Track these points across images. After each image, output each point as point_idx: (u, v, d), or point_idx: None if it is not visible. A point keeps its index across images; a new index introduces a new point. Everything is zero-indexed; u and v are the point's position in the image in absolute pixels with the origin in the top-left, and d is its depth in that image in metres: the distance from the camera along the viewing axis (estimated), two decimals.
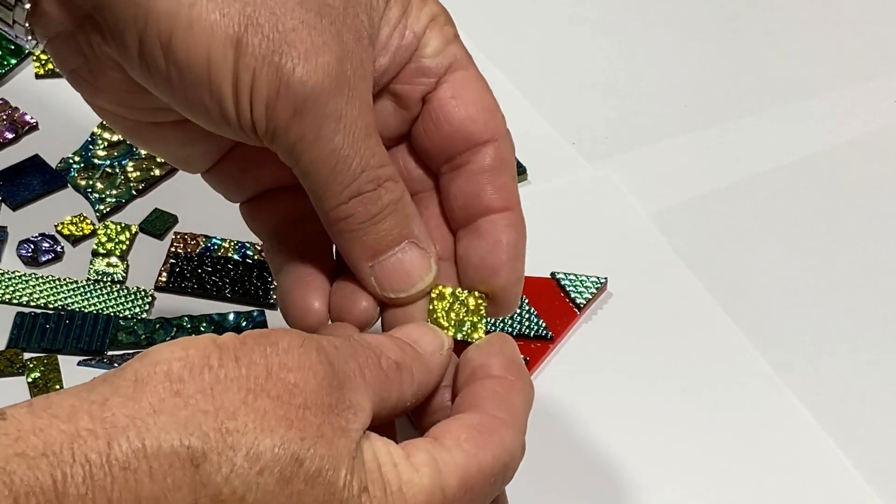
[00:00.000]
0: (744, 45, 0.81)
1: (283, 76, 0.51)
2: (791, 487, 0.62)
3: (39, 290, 0.67)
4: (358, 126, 0.52)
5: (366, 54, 0.53)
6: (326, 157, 0.52)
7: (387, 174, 0.53)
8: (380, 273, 0.54)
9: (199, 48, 0.50)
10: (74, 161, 0.72)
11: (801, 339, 0.67)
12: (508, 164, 0.55)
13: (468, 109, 0.55)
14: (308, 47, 0.51)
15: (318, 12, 0.51)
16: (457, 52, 0.55)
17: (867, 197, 0.73)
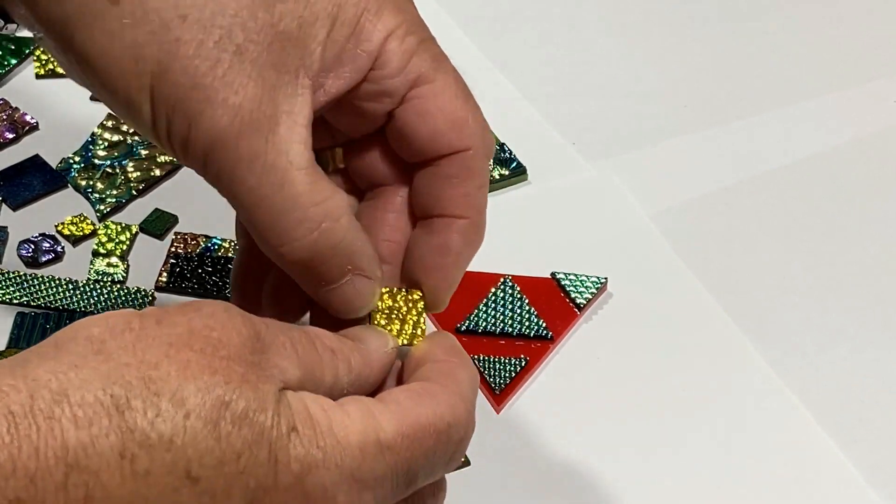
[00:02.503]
0: (744, 45, 0.81)
1: (193, 121, 0.51)
2: (791, 487, 0.62)
3: (39, 290, 0.67)
4: (279, 163, 0.51)
5: (292, 88, 0.52)
6: (244, 201, 0.52)
7: (323, 213, 0.52)
8: (324, 299, 0.54)
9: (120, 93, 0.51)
10: (74, 161, 0.72)
11: (801, 339, 0.67)
12: (476, 172, 0.55)
13: (434, 125, 0.54)
14: (217, 90, 0.51)
15: (236, 51, 0.51)
16: (421, 66, 0.53)
17: (867, 197, 0.73)
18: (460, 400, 0.51)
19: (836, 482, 0.62)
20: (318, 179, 0.52)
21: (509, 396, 0.64)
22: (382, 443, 0.49)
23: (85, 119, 0.74)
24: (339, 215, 0.52)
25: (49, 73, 0.76)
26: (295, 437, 0.47)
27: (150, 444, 0.45)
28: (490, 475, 0.62)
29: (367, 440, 0.48)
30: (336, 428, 0.48)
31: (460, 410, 0.51)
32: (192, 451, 0.45)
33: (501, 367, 0.65)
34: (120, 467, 0.45)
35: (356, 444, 0.48)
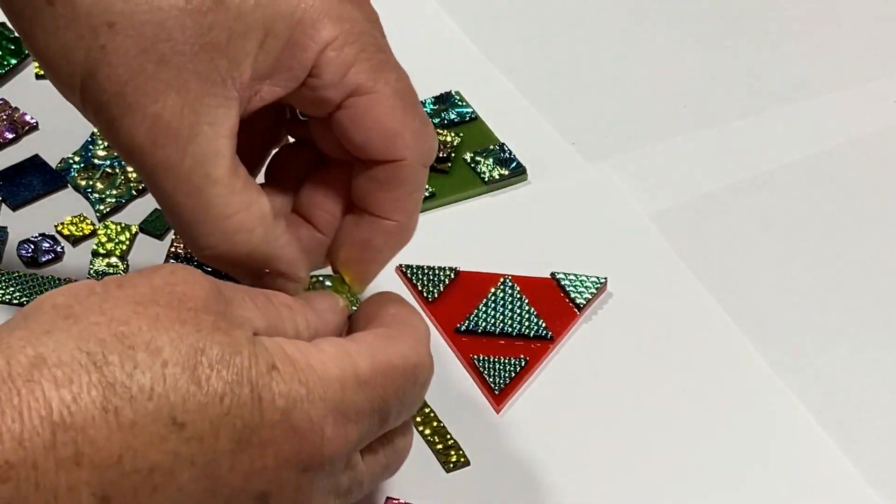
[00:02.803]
0: (744, 45, 0.81)
1: (113, 126, 0.53)
2: (791, 487, 0.62)
3: (39, 291, 0.67)
4: (195, 175, 0.53)
5: (217, 99, 0.52)
6: (164, 204, 0.54)
7: (235, 226, 0.53)
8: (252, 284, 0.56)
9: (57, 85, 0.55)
10: (74, 161, 0.72)
11: (801, 339, 0.67)
12: (407, 181, 0.56)
13: (367, 135, 0.55)
14: (138, 98, 0.52)
15: (160, 60, 0.52)
16: (359, 77, 0.54)
17: (867, 197, 0.73)
18: (421, 344, 0.53)
19: (836, 482, 0.62)
20: (234, 191, 0.53)
21: (509, 396, 0.64)
22: (360, 378, 0.50)
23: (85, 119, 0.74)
24: (252, 227, 0.54)
25: None
26: (276, 375, 0.48)
27: (132, 395, 0.46)
28: (490, 475, 0.62)
29: (345, 375, 0.50)
30: (315, 364, 0.49)
31: (423, 353, 0.53)
32: (175, 398, 0.46)
33: (501, 367, 0.65)
34: (105, 421, 0.45)
35: (336, 378, 0.50)
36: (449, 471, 0.62)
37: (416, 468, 0.62)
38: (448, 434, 0.63)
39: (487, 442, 0.63)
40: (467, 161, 0.73)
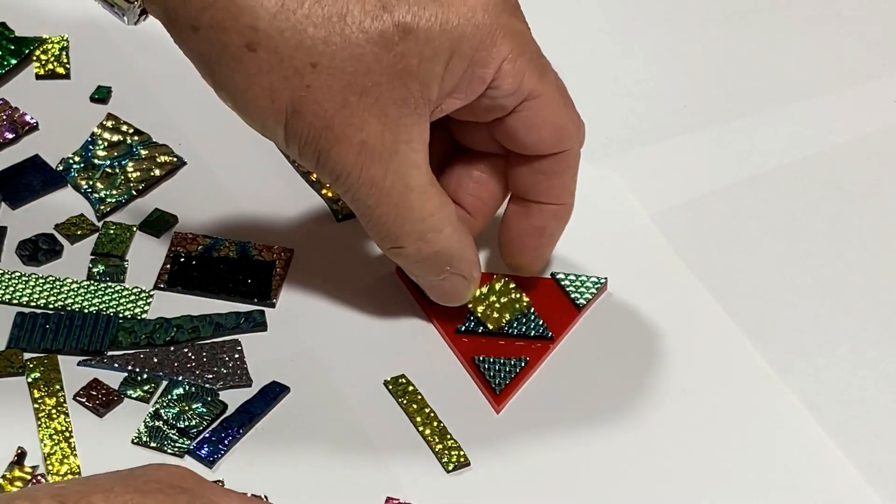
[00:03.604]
0: (744, 45, 0.81)
1: (321, 156, 0.59)
2: (791, 487, 0.62)
3: (39, 290, 0.67)
4: (395, 188, 0.59)
5: (411, 118, 0.58)
6: (364, 213, 0.61)
7: (428, 227, 0.61)
8: (425, 287, 0.65)
9: (257, 122, 0.59)
10: (74, 161, 0.72)
11: (801, 339, 0.67)
12: (571, 167, 0.63)
13: (539, 134, 0.61)
14: (345, 129, 0.58)
15: (362, 93, 0.57)
16: (530, 83, 0.60)
17: (867, 197, 0.73)
18: None
19: (836, 482, 0.62)
20: (429, 197, 0.60)
21: (509, 396, 0.64)
22: None
23: (85, 119, 0.74)
24: (442, 227, 0.61)
25: (49, 73, 0.76)
26: None
27: None
28: (490, 475, 0.62)
29: None
30: None
31: None
32: None
33: (501, 367, 0.65)
34: None
35: None
36: (449, 471, 0.62)
37: (416, 468, 0.62)
38: (448, 434, 0.63)
39: (487, 442, 0.63)
40: None
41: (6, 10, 0.78)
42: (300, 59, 0.57)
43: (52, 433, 0.62)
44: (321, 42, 0.57)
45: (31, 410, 0.63)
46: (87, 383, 0.64)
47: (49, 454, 0.61)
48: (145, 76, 0.76)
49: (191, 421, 0.63)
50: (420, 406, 0.64)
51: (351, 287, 0.68)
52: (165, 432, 0.62)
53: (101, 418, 0.63)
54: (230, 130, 0.74)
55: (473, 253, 0.63)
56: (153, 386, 0.64)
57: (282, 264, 0.69)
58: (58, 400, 0.63)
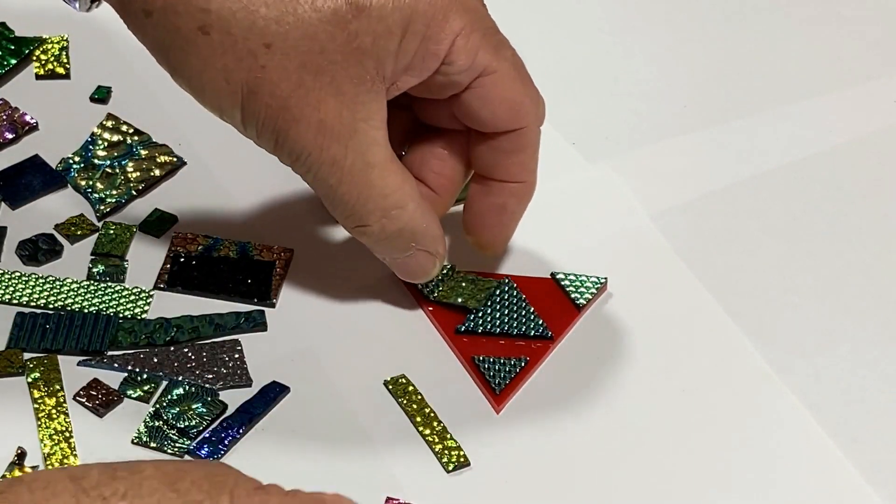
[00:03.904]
0: (744, 45, 0.81)
1: (279, 137, 0.59)
2: (791, 487, 0.62)
3: (39, 290, 0.67)
4: (356, 166, 0.59)
5: (368, 96, 0.58)
6: (326, 193, 0.60)
7: (392, 203, 0.60)
8: (392, 265, 0.65)
9: (212, 105, 0.59)
10: (74, 161, 0.72)
11: (801, 339, 0.67)
12: (530, 145, 0.63)
13: (494, 110, 0.61)
14: (302, 109, 0.58)
15: (317, 72, 0.57)
16: (485, 59, 0.60)
17: (867, 197, 0.73)
18: None
19: (836, 482, 0.62)
20: (390, 173, 0.60)
21: (509, 396, 0.64)
22: None
23: (85, 119, 0.74)
24: (405, 203, 0.61)
25: (49, 73, 0.76)
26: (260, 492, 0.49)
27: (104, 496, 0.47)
28: (490, 475, 0.62)
29: None
30: None
31: None
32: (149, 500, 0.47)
33: (501, 367, 0.65)
34: None
35: None
36: (449, 471, 0.62)
37: (416, 468, 0.62)
38: (448, 434, 0.63)
39: (487, 442, 0.63)
40: None
41: (6, 10, 0.78)
42: (253, 41, 0.57)
43: (52, 433, 0.62)
44: (274, 22, 0.57)
45: (31, 410, 0.63)
46: (87, 383, 0.64)
47: (49, 454, 0.61)
48: (145, 76, 0.76)
49: (191, 421, 0.63)
50: (420, 406, 0.64)
51: (351, 287, 0.68)
52: (165, 432, 0.62)
53: (101, 418, 0.63)
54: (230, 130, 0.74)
55: (438, 228, 0.63)
56: (153, 386, 0.64)
57: (282, 264, 0.69)
58: (58, 400, 0.63)
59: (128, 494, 0.47)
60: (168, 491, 0.47)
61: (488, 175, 0.64)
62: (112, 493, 0.47)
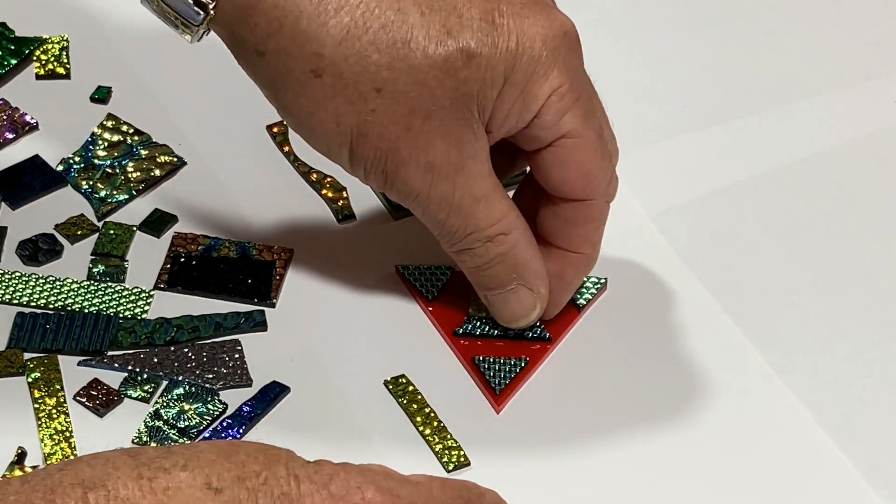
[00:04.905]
0: (744, 45, 0.81)
1: (388, 178, 0.60)
2: (791, 487, 0.62)
3: (39, 290, 0.67)
4: (464, 201, 0.60)
5: (473, 136, 0.60)
6: (435, 226, 0.62)
7: (497, 230, 0.62)
8: (491, 303, 0.65)
9: (321, 145, 0.60)
10: (74, 161, 0.72)
11: (801, 339, 0.67)
12: (595, 218, 0.64)
13: (566, 174, 0.62)
14: (411, 151, 0.59)
15: (426, 116, 0.58)
16: (572, 122, 0.60)
17: (867, 197, 0.73)
18: None
19: (836, 482, 0.62)
20: (496, 202, 0.61)
21: (509, 396, 0.64)
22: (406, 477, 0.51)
23: (85, 119, 0.74)
24: (510, 230, 0.62)
25: (49, 73, 0.76)
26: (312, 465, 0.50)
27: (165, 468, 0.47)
28: (490, 475, 0.62)
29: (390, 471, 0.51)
30: None
31: None
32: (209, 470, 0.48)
33: (501, 368, 0.65)
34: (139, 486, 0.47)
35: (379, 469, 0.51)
36: (449, 471, 0.62)
37: (416, 468, 0.62)
38: (448, 434, 0.63)
39: (487, 442, 0.63)
40: None
41: (6, 10, 0.78)
42: (365, 85, 0.58)
43: (52, 433, 0.62)
44: (385, 68, 0.58)
45: (31, 410, 0.63)
46: (87, 383, 0.64)
47: (49, 454, 0.61)
48: (145, 76, 0.76)
49: (191, 421, 0.63)
50: (420, 406, 0.64)
51: (351, 287, 0.68)
52: (166, 432, 0.62)
53: (101, 418, 0.63)
54: (230, 130, 0.74)
55: (541, 266, 0.63)
56: (153, 386, 0.64)
57: (282, 264, 0.69)
58: (58, 400, 0.63)
59: (188, 465, 0.47)
60: (226, 462, 0.48)
61: (550, 241, 0.64)
62: (172, 465, 0.47)
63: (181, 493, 0.46)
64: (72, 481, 0.46)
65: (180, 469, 0.47)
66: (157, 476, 0.46)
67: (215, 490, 0.47)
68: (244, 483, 0.47)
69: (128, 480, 0.46)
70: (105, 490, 0.46)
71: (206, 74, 0.76)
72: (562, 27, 0.61)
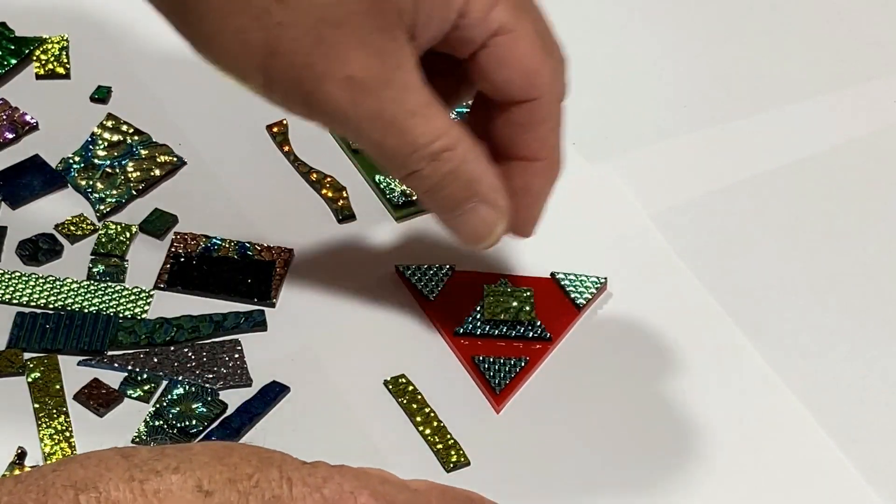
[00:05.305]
0: (744, 45, 0.81)
1: (309, 98, 0.55)
2: (791, 487, 0.62)
3: (39, 290, 0.67)
4: (397, 115, 0.56)
5: (395, 44, 0.55)
6: (373, 150, 0.57)
7: (440, 146, 0.57)
8: (453, 227, 0.60)
9: (233, 72, 0.56)
10: (74, 161, 0.72)
11: (801, 339, 0.67)
12: (546, 118, 0.59)
13: (507, 74, 0.57)
14: (326, 64, 0.54)
15: (337, 24, 0.54)
16: (501, 16, 0.56)
17: (867, 197, 0.73)
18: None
19: (836, 482, 0.62)
20: (433, 116, 0.57)
21: (509, 396, 0.64)
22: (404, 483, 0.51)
23: (85, 119, 0.74)
24: (455, 145, 0.57)
25: (49, 73, 0.76)
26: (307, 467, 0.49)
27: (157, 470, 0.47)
28: (490, 475, 0.62)
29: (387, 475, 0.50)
30: None
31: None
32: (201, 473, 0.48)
33: (501, 367, 0.65)
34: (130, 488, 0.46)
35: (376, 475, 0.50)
36: (449, 471, 0.62)
37: (416, 468, 0.62)
38: (448, 434, 0.63)
39: (487, 442, 0.63)
40: None
41: (6, 10, 0.78)
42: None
43: (52, 433, 0.62)
44: None
45: (31, 410, 0.63)
46: (87, 383, 0.64)
47: (49, 454, 0.61)
48: (145, 76, 0.76)
49: (191, 421, 0.63)
50: (420, 406, 0.64)
51: (351, 287, 0.68)
52: (166, 432, 0.62)
53: (101, 418, 0.63)
54: (230, 130, 0.74)
55: (496, 178, 0.59)
56: (153, 386, 0.64)
57: (282, 264, 0.69)
58: (58, 400, 0.63)
59: (180, 468, 0.47)
60: (218, 465, 0.47)
61: (507, 153, 0.60)
62: (164, 468, 0.47)
63: (172, 495, 0.46)
64: (64, 482, 0.46)
65: (172, 472, 0.47)
66: (149, 478, 0.46)
67: (206, 493, 0.47)
68: (235, 485, 0.47)
69: (119, 482, 0.46)
70: (97, 492, 0.46)
71: (205, 74, 0.76)
72: None
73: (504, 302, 0.66)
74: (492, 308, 0.66)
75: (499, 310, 0.66)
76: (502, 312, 0.66)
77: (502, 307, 0.66)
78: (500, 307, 0.66)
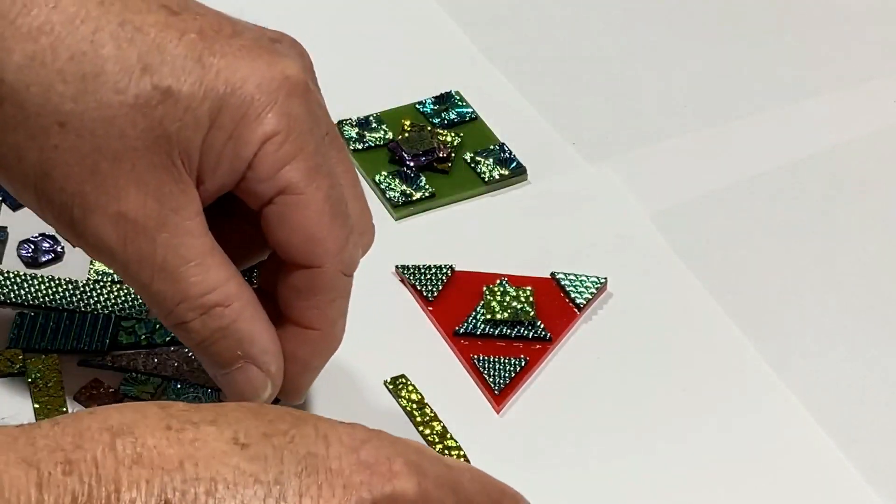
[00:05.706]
0: (744, 45, 0.81)
1: (77, 227, 0.53)
2: (791, 487, 0.62)
3: (39, 290, 0.67)
4: (169, 260, 0.53)
5: (177, 186, 0.53)
6: (139, 289, 0.55)
7: (213, 300, 0.54)
8: (220, 383, 0.57)
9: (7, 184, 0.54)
10: None
11: (801, 339, 0.67)
12: (328, 290, 0.56)
13: (289, 236, 0.55)
14: (98, 197, 0.53)
15: (114, 158, 0.52)
16: (290, 177, 0.54)
17: (867, 197, 0.73)
18: None
19: (836, 482, 0.62)
20: (211, 267, 0.54)
21: (509, 396, 0.64)
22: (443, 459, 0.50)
23: None
24: (229, 300, 0.54)
25: None
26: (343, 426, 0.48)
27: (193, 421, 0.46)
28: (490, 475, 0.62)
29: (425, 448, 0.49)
30: None
31: None
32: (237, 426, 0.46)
33: (501, 368, 0.65)
34: (166, 437, 0.46)
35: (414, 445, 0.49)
36: None
37: None
38: (448, 434, 0.63)
39: (487, 442, 0.63)
40: (467, 161, 0.73)
41: None
42: (47, 118, 0.52)
43: None
44: (70, 100, 0.52)
45: (31, 410, 0.63)
46: (87, 383, 0.64)
47: None
48: None
49: None
50: (420, 406, 0.64)
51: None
52: None
53: None
54: None
55: (272, 343, 0.56)
56: (153, 386, 0.64)
57: None
58: (58, 400, 0.63)
59: (216, 420, 0.46)
60: (254, 419, 0.47)
61: (286, 315, 0.57)
62: (201, 419, 0.46)
63: (207, 445, 0.46)
64: (100, 426, 0.45)
65: (208, 423, 0.46)
66: (185, 428, 0.46)
67: (242, 445, 0.46)
68: (270, 440, 0.46)
69: (156, 430, 0.46)
70: (133, 437, 0.45)
71: None
72: (283, 71, 0.53)
73: (504, 302, 0.66)
74: (492, 308, 0.66)
75: (499, 310, 0.66)
76: (502, 312, 0.66)
77: (502, 307, 0.66)
78: (500, 307, 0.66)
